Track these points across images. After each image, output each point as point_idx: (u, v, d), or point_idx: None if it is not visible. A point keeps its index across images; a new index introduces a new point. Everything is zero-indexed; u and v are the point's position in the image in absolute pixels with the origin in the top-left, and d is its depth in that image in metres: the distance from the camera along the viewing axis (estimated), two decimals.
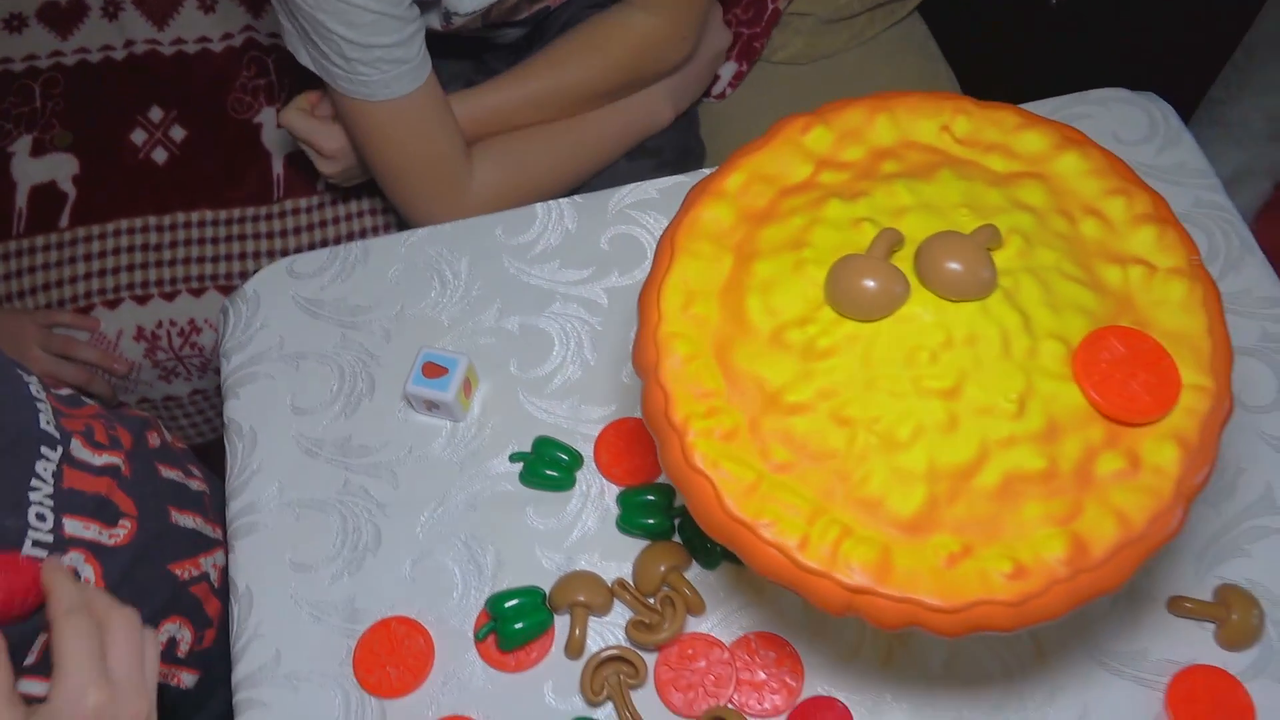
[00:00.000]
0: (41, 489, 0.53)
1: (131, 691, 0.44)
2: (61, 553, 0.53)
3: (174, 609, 0.61)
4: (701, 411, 0.45)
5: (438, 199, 0.80)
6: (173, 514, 0.63)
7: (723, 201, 0.50)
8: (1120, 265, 0.47)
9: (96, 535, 0.56)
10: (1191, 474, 0.43)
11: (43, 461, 0.54)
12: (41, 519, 0.52)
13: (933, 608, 0.41)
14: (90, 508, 0.56)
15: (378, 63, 0.72)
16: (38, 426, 0.55)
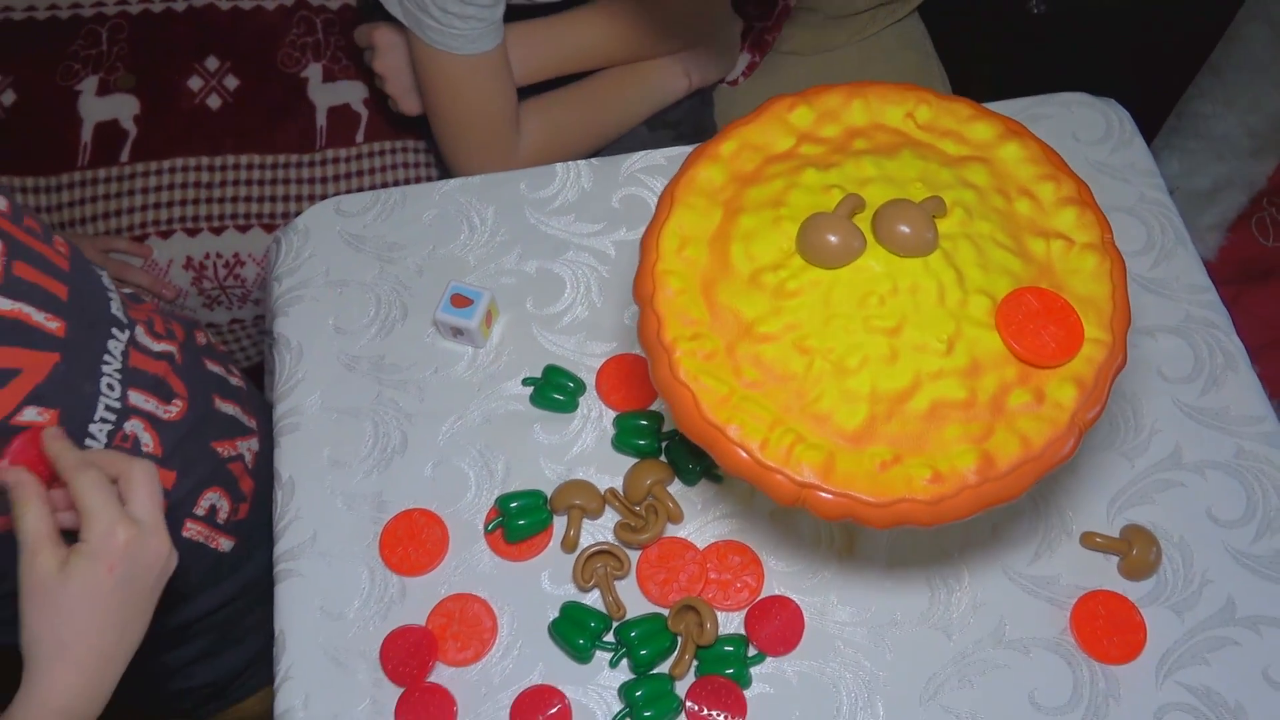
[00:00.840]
0: (112, 364, 0.62)
1: (154, 529, 0.53)
2: (126, 419, 0.63)
3: (214, 481, 0.70)
4: (687, 335, 0.54)
5: (488, 151, 0.89)
6: (216, 401, 0.72)
7: (716, 164, 0.59)
8: (1044, 238, 0.56)
9: (154, 409, 0.65)
10: (1084, 410, 0.52)
11: (114, 341, 0.63)
12: (111, 389, 0.62)
13: (865, 503, 0.51)
14: (150, 384, 0.65)
15: (469, 19, 0.81)
16: (109, 311, 0.64)
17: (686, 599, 0.63)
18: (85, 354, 0.61)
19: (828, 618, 0.64)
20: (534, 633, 0.64)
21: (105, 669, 0.52)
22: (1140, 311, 0.72)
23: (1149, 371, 0.71)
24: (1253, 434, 0.69)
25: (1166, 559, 0.65)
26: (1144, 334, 0.72)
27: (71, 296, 0.61)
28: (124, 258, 1.00)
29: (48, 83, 1.07)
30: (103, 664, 0.52)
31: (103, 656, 0.52)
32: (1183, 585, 0.64)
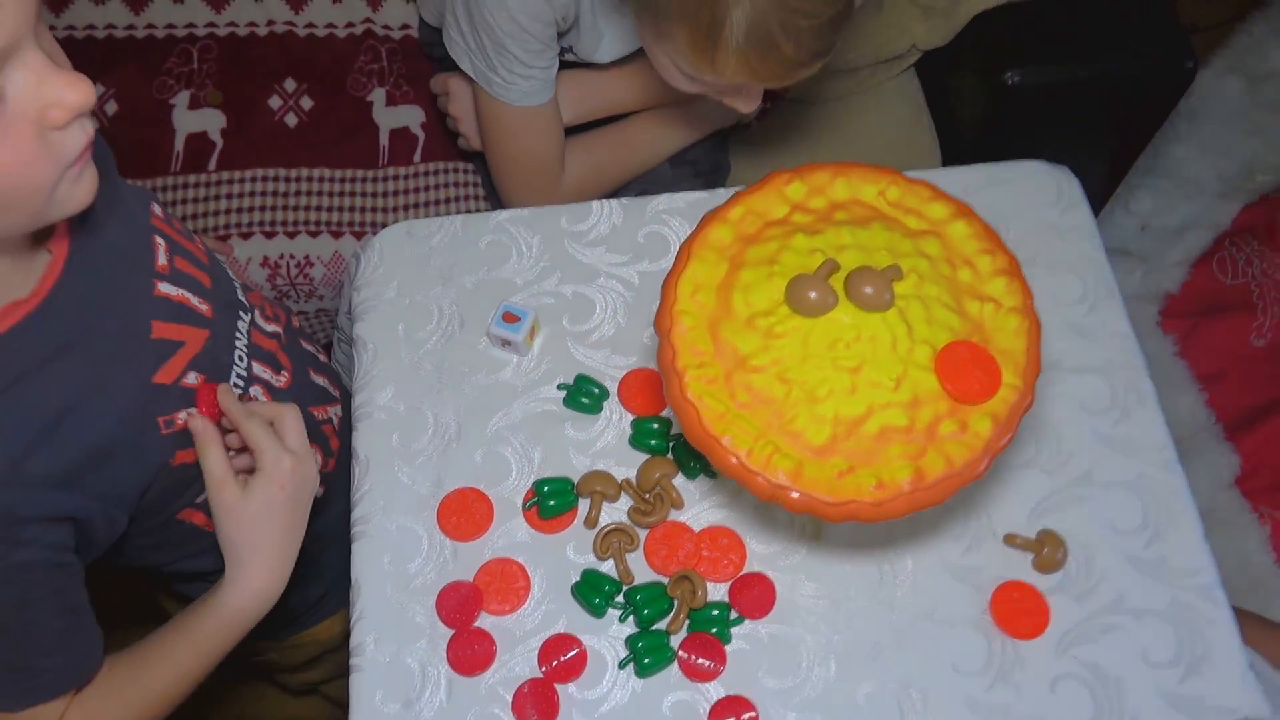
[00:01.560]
0: (241, 340, 0.79)
1: (306, 456, 0.72)
2: (250, 385, 0.79)
3: (312, 438, 0.85)
4: (695, 363, 0.69)
5: (536, 188, 1.05)
6: (310, 373, 0.88)
7: (726, 225, 0.73)
8: (979, 301, 0.70)
9: (270, 378, 0.81)
10: (997, 439, 0.67)
11: (241, 321, 0.79)
12: (240, 360, 0.78)
13: (824, 502, 0.66)
14: (266, 357, 0.82)
15: (529, 77, 0.96)
16: (237, 296, 0.80)
17: (683, 570, 0.78)
18: (224, 331, 0.77)
19: (796, 591, 0.79)
20: (559, 592, 0.79)
21: (284, 563, 0.72)
22: (1071, 352, 0.87)
23: (1073, 403, 0.86)
24: (1154, 460, 0.84)
25: (1072, 558, 0.80)
26: (1072, 371, 0.87)
27: (213, 284, 0.77)
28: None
29: (145, 95, 1.22)
30: (283, 560, 0.72)
31: (282, 554, 0.72)
32: (1083, 580, 0.79)
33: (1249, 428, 1.50)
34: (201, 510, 0.79)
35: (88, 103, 0.54)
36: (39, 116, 0.53)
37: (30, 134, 0.53)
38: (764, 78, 0.81)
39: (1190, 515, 0.82)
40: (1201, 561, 0.80)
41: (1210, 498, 1.45)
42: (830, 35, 0.80)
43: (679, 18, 0.78)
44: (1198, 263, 1.63)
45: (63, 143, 0.55)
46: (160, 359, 0.71)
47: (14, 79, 0.52)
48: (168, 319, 0.72)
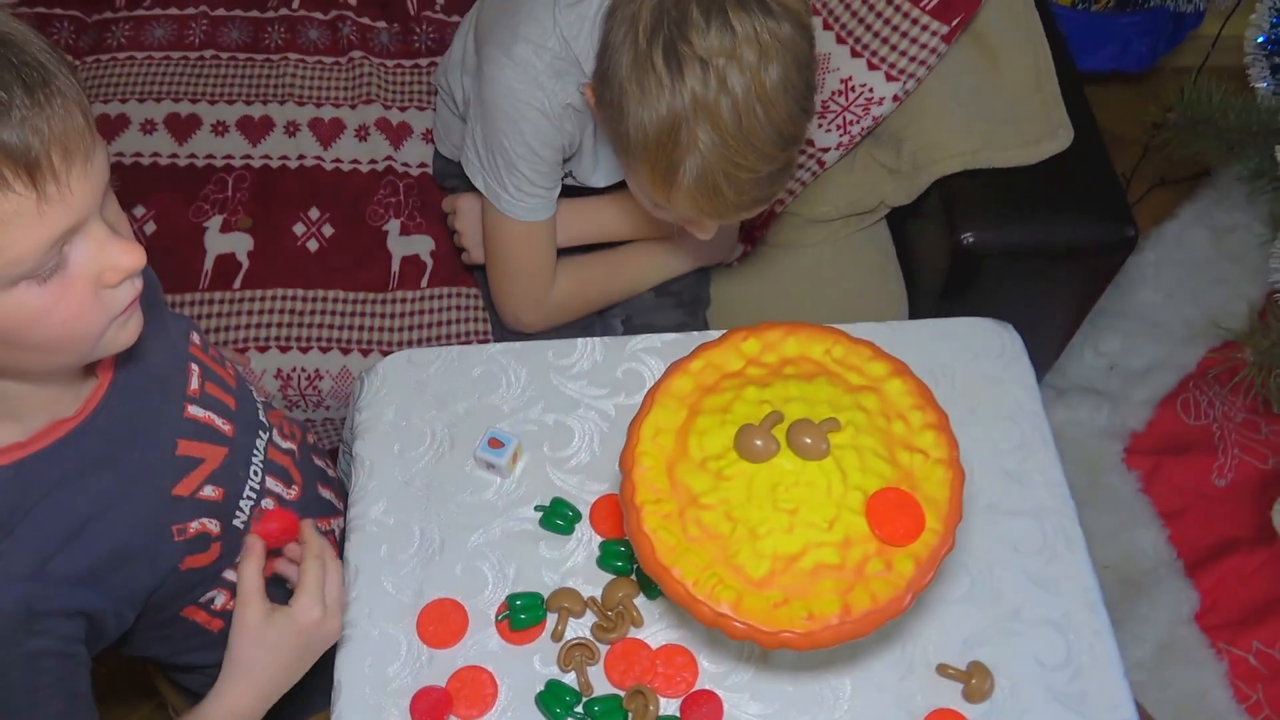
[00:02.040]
0: (258, 456, 0.87)
1: (336, 613, 0.80)
2: (263, 497, 0.87)
3: None
4: (652, 499, 0.78)
5: (527, 296, 1.16)
6: (319, 487, 0.97)
7: (687, 376, 0.83)
8: (910, 452, 0.79)
9: (281, 491, 0.90)
10: (919, 579, 0.74)
11: (259, 439, 0.88)
12: (255, 474, 0.87)
13: (760, 630, 0.73)
14: (279, 472, 0.90)
15: (534, 195, 1.08)
16: (258, 417, 0.89)
17: (638, 685, 0.85)
18: (243, 449, 0.86)
19: (742, 709, 0.86)
20: (524, 700, 0.86)
21: (269, 696, 0.80)
22: (1005, 497, 0.95)
23: (1006, 545, 0.93)
24: (1079, 601, 0.91)
25: (999, 689, 0.87)
26: (1005, 514, 0.94)
27: (237, 406, 0.86)
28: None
29: (181, 218, 1.34)
30: (270, 692, 0.79)
31: (270, 686, 0.79)
32: (1009, 710, 0.86)
33: (1209, 565, 1.56)
34: (203, 610, 0.87)
35: (139, 266, 0.64)
36: (96, 277, 0.63)
37: (87, 291, 0.63)
38: (709, 214, 0.96)
39: (1112, 654, 0.89)
40: (1120, 697, 0.87)
41: (1170, 631, 1.51)
42: (768, 187, 0.94)
43: (643, 158, 0.92)
44: (1162, 403, 1.72)
45: (114, 297, 0.65)
46: (180, 474, 0.80)
47: (77, 247, 0.62)
48: (193, 438, 0.81)
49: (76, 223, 0.61)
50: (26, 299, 0.61)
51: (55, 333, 0.63)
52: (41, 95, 0.57)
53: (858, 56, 1.21)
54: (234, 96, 1.43)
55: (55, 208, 0.59)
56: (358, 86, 1.46)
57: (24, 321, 0.62)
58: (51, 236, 0.59)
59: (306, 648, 0.80)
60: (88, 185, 0.61)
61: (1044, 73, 1.23)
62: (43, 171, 0.57)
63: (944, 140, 1.20)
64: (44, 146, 0.57)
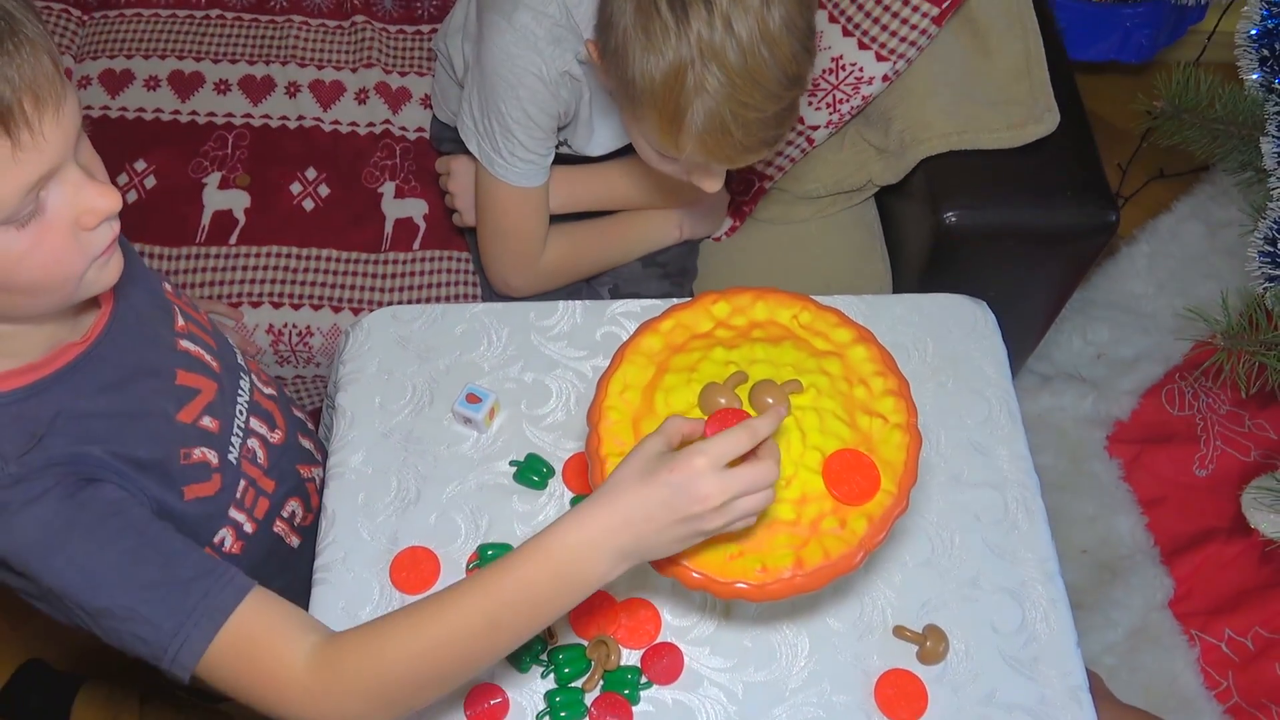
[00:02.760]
0: (243, 396, 0.90)
1: (725, 501, 0.68)
2: (248, 438, 0.90)
3: (296, 493, 0.96)
4: (617, 452, 0.80)
5: (518, 259, 1.18)
6: (298, 436, 0.99)
7: (657, 335, 0.85)
8: (869, 416, 0.81)
9: (265, 433, 0.92)
10: (871, 538, 0.76)
11: (243, 381, 0.91)
12: (240, 413, 0.89)
13: (715, 581, 0.75)
14: (263, 415, 0.93)
15: (529, 161, 1.10)
16: (237, 360, 0.92)
17: (601, 635, 0.88)
18: (230, 386, 0.89)
19: (701, 662, 0.88)
20: None
21: (626, 531, 0.68)
22: (969, 468, 0.97)
23: (968, 514, 0.95)
24: (1037, 571, 0.93)
25: (953, 653, 0.89)
26: (969, 485, 0.96)
27: (217, 347, 0.89)
28: (221, 318, 1.28)
29: (181, 174, 1.36)
30: (627, 527, 0.69)
31: (626, 529, 0.69)
32: (962, 672, 0.88)
33: (1185, 553, 1.58)
34: (216, 553, 0.87)
35: (115, 209, 0.66)
36: (74, 220, 0.65)
37: (65, 234, 0.65)
38: (719, 158, 0.96)
39: (1065, 623, 0.91)
40: (1072, 664, 0.89)
41: (1143, 616, 1.53)
42: (775, 127, 0.95)
43: (650, 105, 0.93)
44: (1148, 393, 1.73)
45: (92, 240, 0.67)
46: (182, 401, 0.83)
47: (53, 192, 0.64)
48: (187, 369, 0.84)
49: (51, 168, 0.62)
50: (6, 243, 0.62)
51: (36, 275, 0.65)
52: (10, 44, 0.58)
53: (849, 36, 1.22)
54: (237, 56, 1.45)
55: (29, 154, 0.60)
56: (359, 50, 1.48)
57: (4, 265, 0.63)
58: (28, 182, 0.61)
59: (677, 517, 0.67)
60: (60, 131, 0.62)
61: (1034, 58, 1.24)
62: (15, 119, 0.59)
63: (931, 120, 1.22)
64: (15, 95, 0.58)
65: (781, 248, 1.34)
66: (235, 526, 0.89)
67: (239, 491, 0.89)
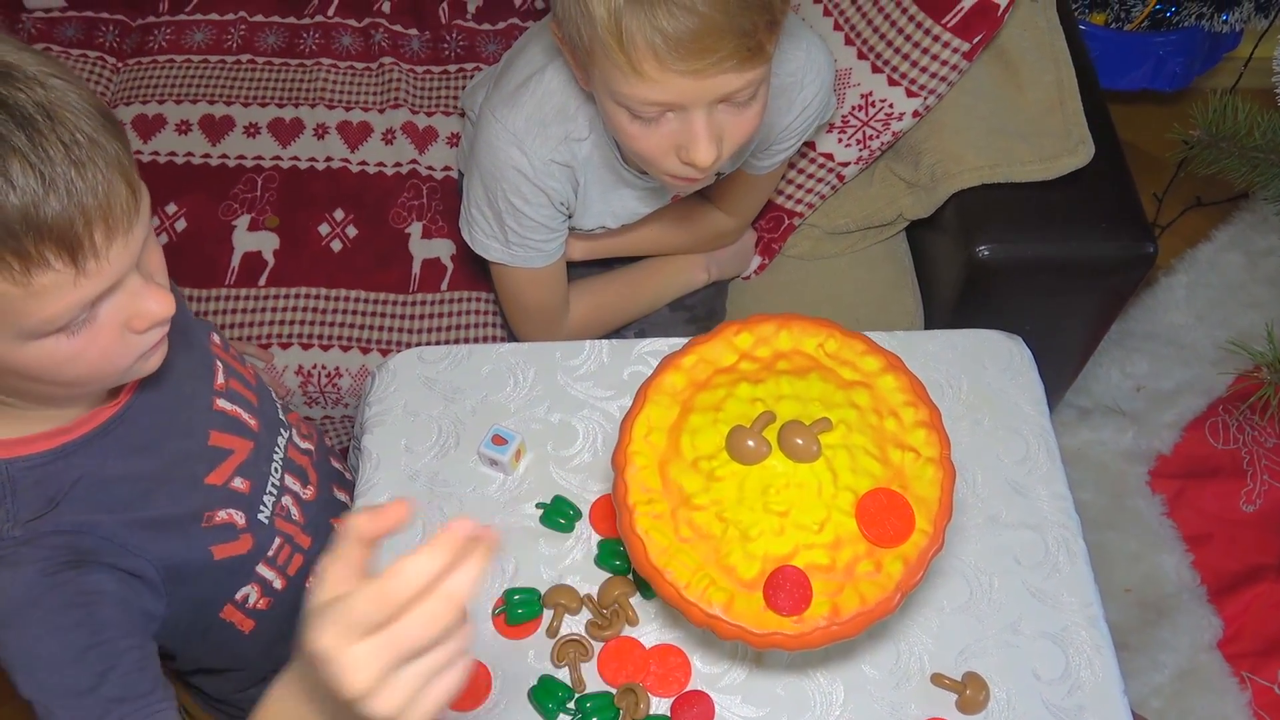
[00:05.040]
0: (279, 454, 0.89)
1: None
2: (282, 495, 0.89)
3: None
4: (644, 500, 0.78)
5: (541, 330, 1.18)
6: (334, 489, 0.99)
7: (679, 372, 0.83)
8: (901, 449, 0.79)
9: (299, 490, 0.92)
10: (908, 580, 0.74)
11: (280, 437, 0.91)
12: (275, 471, 0.89)
13: (750, 632, 0.73)
14: (298, 471, 0.92)
15: (526, 245, 1.09)
16: (278, 415, 0.91)
17: (630, 684, 0.86)
18: (266, 445, 0.88)
19: (733, 711, 0.86)
20: (518, 694, 0.87)
21: None
22: (1008, 509, 0.94)
23: (1007, 557, 0.92)
24: (1080, 616, 0.89)
25: (995, 701, 0.86)
26: (1007, 526, 0.94)
27: (259, 403, 0.88)
28: (252, 360, 1.28)
29: (211, 216, 1.37)
30: None
31: None
32: None
33: (1233, 592, 1.53)
34: (239, 610, 0.88)
35: (168, 315, 0.66)
36: (125, 323, 0.65)
37: (114, 335, 0.65)
38: (686, 67, 0.83)
39: (1111, 670, 0.87)
40: (1119, 713, 0.85)
41: (1190, 658, 1.48)
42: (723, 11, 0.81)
43: (599, 43, 0.84)
44: (1190, 426, 1.69)
45: (140, 341, 0.67)
46: (213, 464, 0.82)
47: (110, 301, 0.64)
48: (223, 430, 0.84)
49: (111, 285, 0.63)
50: (55, 348, 0.63)
51: (81, 372, 0.66)
52: (89, 169, 0.58)
53: (878, 72, 1.21)
54: (267, 99, 1.47)
55: (92, 279, 0.61)
56: (386, 91, 1.49)
57: (52, 366, 0.64)
58: (85, 301, 0.62)
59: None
60: (127, 253, 0.62)
61: (1066, 89, 1.22)
62: (84, 250, 0.59)
63: (963, 154, 1.20)
64: (87, 226, 0.58)
65: (811, 284, 1.32)
66: (263, 584, 0.88)
67: (273, 550, 0.88)
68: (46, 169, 0.57)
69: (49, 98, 0.58)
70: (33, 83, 0.58)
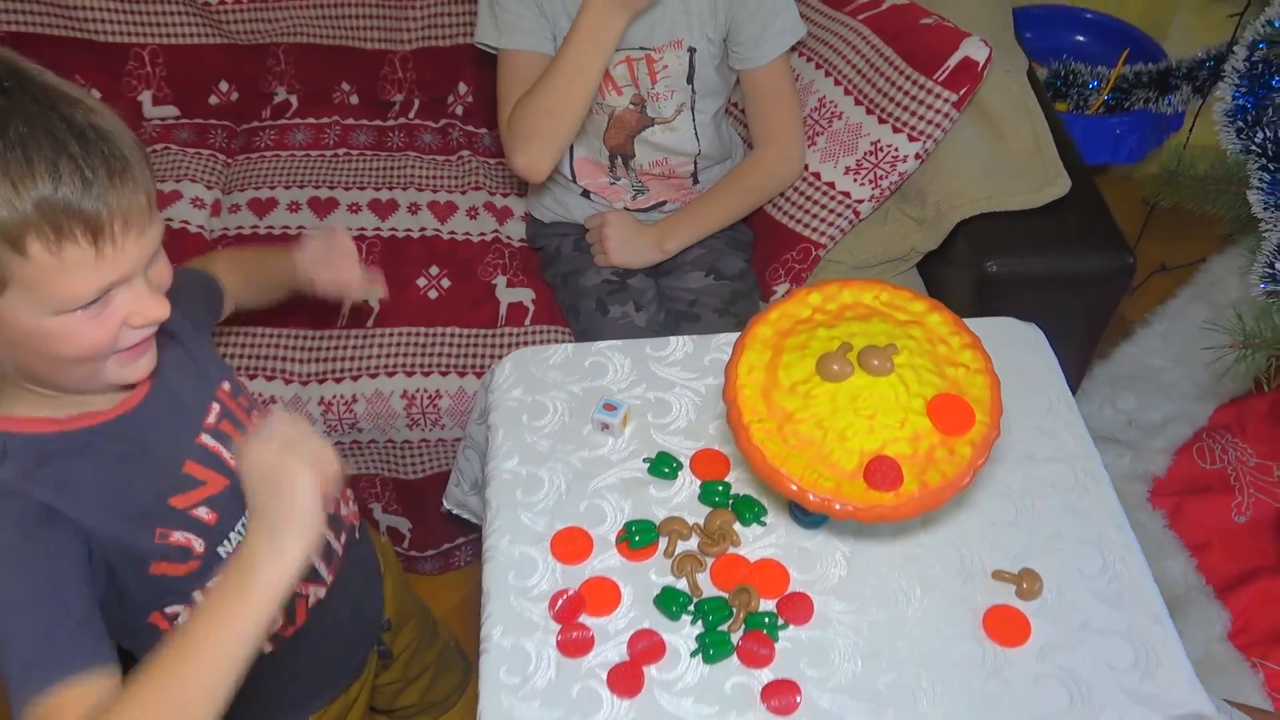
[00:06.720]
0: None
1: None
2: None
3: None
4: (756, 420, 0.96)
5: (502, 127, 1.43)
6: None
7: (767, 324, 1.03)
8: (954, 367, 0.98)
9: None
10: (976, 459, 0.92)
11: None
12: (246, 516, 0.84)
13: (859, 510, 0.91)
14: None
15: (517, 26, 1.38)
16: None
17: (742, 585, 1.01)
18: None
19: (829, 607, 1.01)
20: (644, 602, 1.02)
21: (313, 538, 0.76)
22: (1039, 448, 1.13)
23: (1044, 484, 1.10)
24: (1110, 524, 1.07)
25: (1047, 591, 1.02)
26: (1041, 461, 1.12)
27: None
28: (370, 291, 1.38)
29: None
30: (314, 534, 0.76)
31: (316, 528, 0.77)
32: (1057, 607, 1.01)
33: (1237, 589, 1.68)
34: (168, 621, 0.92)
35: (161, 318, 0.80)
36: (127, 317, 0.78)
37: (114, 325, 0.77)
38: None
39: (1141, 564, 1.04)
40: (1150, 595, 1.02)
41: (1205, 647, 1.62)
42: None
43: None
44: (1179, 451, 1.88)
45: (127, 336, 0.79)
46: (180, 488, 0.89)
47: (118, 294, 0.77)
48: (200, 462, 0.91)
49: (124, 277, 0.76)
50: (71, 324, 0.76)
51: (81, 350, 0.77)
52: (119, 180, 0.73)
53: (884, 123, 1.47)
54: (365, 184, 1.71)
55: (109, 263, 0.74)
56: (466, 176, 1.73)
57: (64, 340, 0.76)
58: (101, 285, 0.75)
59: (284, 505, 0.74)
60: (139, 249, 0.76)
61: (1042, 139, 1.48)
62: (105, 235, 0.73)
63: (962, 190, 1.44)
64: (110, 217, 0.72)
65: None
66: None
67: (213, 580, 0.91)
68: (88, 172, 0.71)
69: (102, 124, 0.75)
70: (91, 112, 0.76)
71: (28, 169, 0.69)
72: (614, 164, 1.52)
